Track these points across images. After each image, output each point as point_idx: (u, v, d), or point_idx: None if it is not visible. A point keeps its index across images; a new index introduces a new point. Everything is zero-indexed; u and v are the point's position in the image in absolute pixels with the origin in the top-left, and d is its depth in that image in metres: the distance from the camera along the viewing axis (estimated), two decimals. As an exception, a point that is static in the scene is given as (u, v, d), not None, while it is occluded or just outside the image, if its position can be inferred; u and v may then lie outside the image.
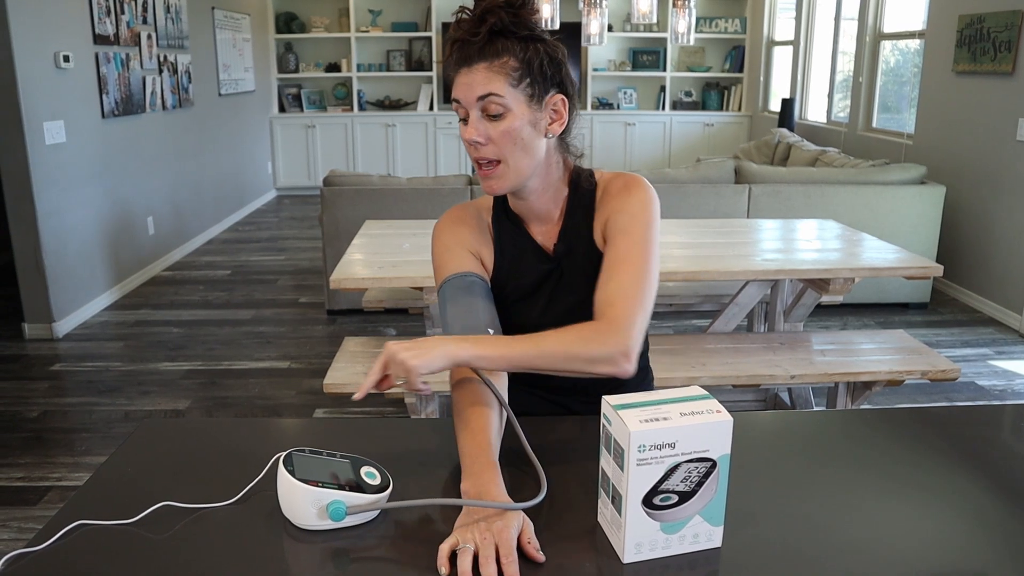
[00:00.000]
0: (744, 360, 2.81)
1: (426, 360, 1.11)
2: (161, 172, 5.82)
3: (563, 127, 1.31)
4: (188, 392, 3.63)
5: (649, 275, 1.25)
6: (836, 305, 4.77)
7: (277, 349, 4.16)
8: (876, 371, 2.72)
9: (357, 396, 1.13)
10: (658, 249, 1.29)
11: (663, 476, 0.91)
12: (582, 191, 1.38)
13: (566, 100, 1.30)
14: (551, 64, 1.26)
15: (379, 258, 2.83)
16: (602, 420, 0.96)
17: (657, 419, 0.90)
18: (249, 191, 8.03)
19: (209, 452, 1.22)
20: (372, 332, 4.40)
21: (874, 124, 6.25)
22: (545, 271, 1.39)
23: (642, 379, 1.49)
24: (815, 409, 3.31)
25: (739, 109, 8.96)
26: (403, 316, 4.68)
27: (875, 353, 2.86)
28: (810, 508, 1.06)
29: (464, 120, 1.27)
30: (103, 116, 4.86)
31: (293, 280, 5.50)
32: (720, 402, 0.89)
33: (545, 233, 1.40)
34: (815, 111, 7.51)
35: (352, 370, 2.74)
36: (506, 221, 1.42)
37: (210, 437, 1.27)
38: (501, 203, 1.43)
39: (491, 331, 1.29)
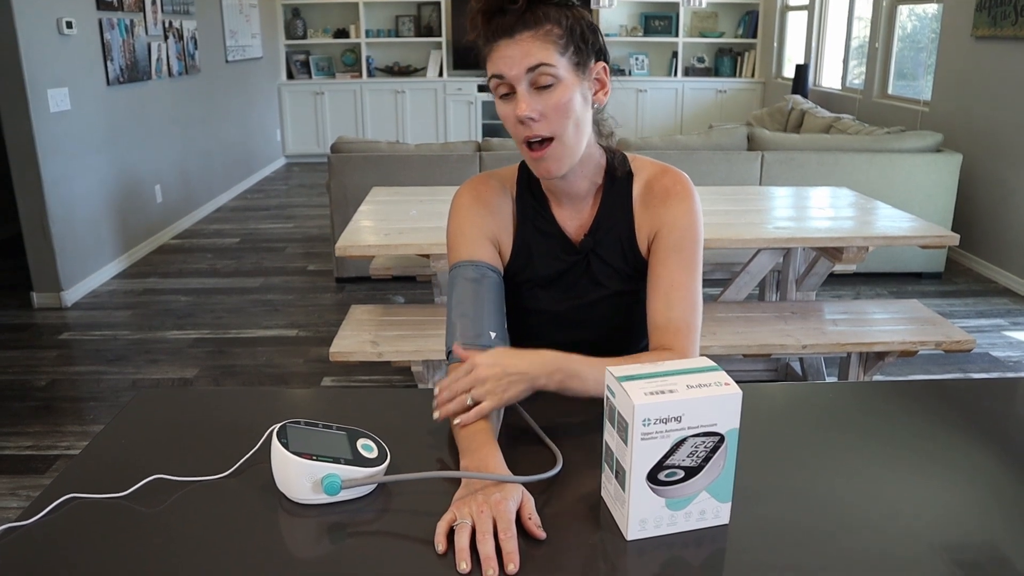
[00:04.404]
0: (755, 329, 2.77)
1: (512, 395, 1.10)
2: (168, 140, 5.79)
3: (607, 96, 1.24)
4: (196, 360, 3.62)
5: (699, 294, 1.27)
6: (849, 274, 4.72)
7: (285, 317, 4.14)
8: (889, 341, 2.68)
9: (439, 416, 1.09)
10: (701, 256, 1.30)
11: (668, 451, 0.88)
12: (618, 179, 1.32)
13: (607, 67, 1.23)
14: (590, 30, 1.20)
15: (386, 225, 2.79)
16: (606, 392, 0.93)
17: (663, 391, 0.87)
18: (258, 159, 7.99)
19: (205, 423, 1.19)
20: (380, 300, 4.38)
21: (890, 91, 6.14)
22: (569, 262, 1.34)
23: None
24: (827, 381, 3.28)
25: (752, 75, 8.83)
26: (411, 283, 4.66)
27: (888, 323, 2.82)
28: (821, 483, 1.03)
29: (505, 96, 1.18)
30: (108, 83, 4.82)
31: (302, 248, 5.47)
32: (730, 372, 0.85)
33: (573, 219, 1.34)
34: (830, 77, 7.39)
35: (359, 338, 2.72)
36: (530, 200, 1.35)
37: (207, 408, 1.25)
38: (526, 179, 1.36)
39: (493, 335, 1.24)
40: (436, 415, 1.09)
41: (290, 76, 8.81)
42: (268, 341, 3.84)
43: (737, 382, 0.90)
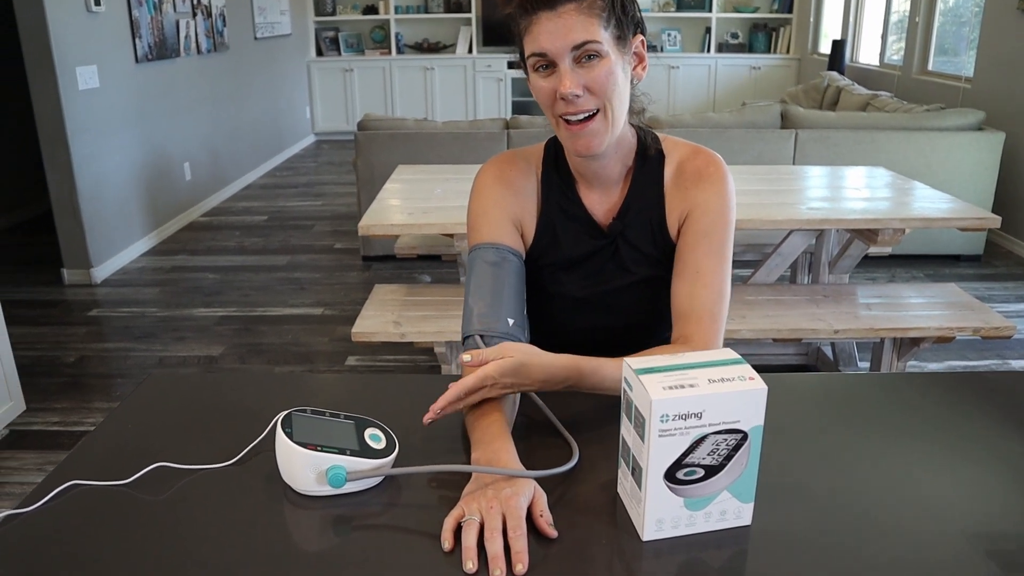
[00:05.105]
0: (786, 313, 2.70)
1: (525, 388, 1.07)
2: (197, 117, 5.79)
3: (645, 71, 1.19)
4: (222, 338, 3.63)
5: (727, 282, 1.21)
6: (884, 256, 4.61)
7: (311, 295, 4.14)
8: (925, 327, 2.60)
9: (427, 417, 1.03)
10: (732, 242, 1.24)
11: (688, 448, 0.83)
12: (649, 160, 1.26)
13: (644, 41, 1.17)
14: (629, 1, 1.14)
15: (410, 204, 2.76)
16: (623, 385, 0.88)
17: (682, 386, 0.82)
18: (287, 136, 7.99)
19: (215, 408, 1.17)
20: (407, 279, 4.36)
21: (930, 67, 5.97)
22: (595, 246, 1.28)
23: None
24: (859, 366, 3.20)
25: (787, 51, 8.64)
26: (437, 262, 4.63)
27: (924, 308, 2.74)
28: (850, 481, 0.98)
29: (543, 72, 1.12)
30: (136, 61, 4.82)
31: (330, 226, 5.47)
32: (760, 356, 0.81)
33: (601, 202, 1.28)
34: (867, 53, 7.21)
35: (382, 319, 2.69)
36: (556, 180, 1.29)
37: (217, 392, 1.22)
38: (553, 158, 1.30)
39: (511, 321, 1.18)
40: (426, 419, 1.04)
41: (319, 53, 8.78)
42: (294, 319, 3.83)
43: (766, 367, 0.85)
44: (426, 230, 2.56)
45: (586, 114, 1.13)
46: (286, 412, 0.97)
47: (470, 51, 8.69)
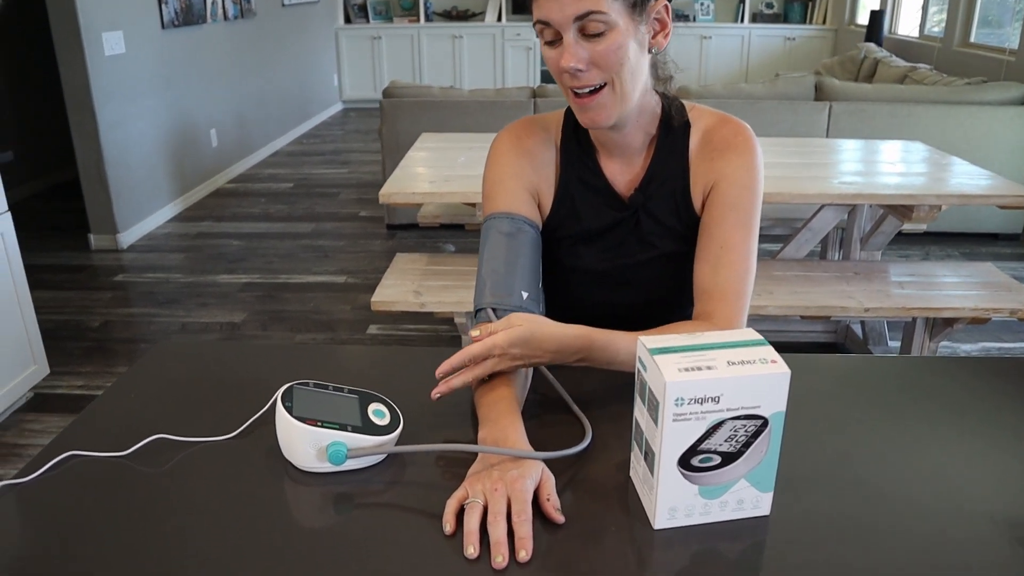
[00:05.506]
0: (815, 289, 2.64)
1: (536, 361, 1.03)
2: (224, 84, 5.76)
3: (668, 39, 1.11)
4: (245, 305, 3.62)
5: (753, 259, 1.16)
6: (918, 233, 4.50)
7: (335, 263, 4.12)
8: (959, 307, 2.52)
9: (435, 392, 1.00)
10: (759, 217, 1.18)
11: (704, 434, 0.79)
12: (674, 130, 1.20)
13: (669, 6, 1.09)
14: None
15: (433, 172, 2.71)
16: (637, 365, 0.84)
17: (700, 368, 0.77)
18: (314, 103, 7.95)
19: (221, 379, 1.14)
20: (431, 248, 4.33)
21: (972, 39, 5.78)
22: (616, 218, 1.23)
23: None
24: (890, 349, 3.13)
25: (824, 22, 8.44)
26: (460, 231, 4.59)
27: (959, 287, 2.65)
28: (876, 472, 0.93)
29: (551, 43, 1.07)
30: (163, 27, 4.79)
31: (355, 193, 5.44)
32: (787, 333, 0.76)
33: (622, 172, 1.22)
34: (907, 24, 7.01)
35: (402, 288, 2.67)
36: (575, 149, 1.23)
37: (225, 363, 1.19)
38: (572, 125, 1.24)
39: (525, 295, 1.13)
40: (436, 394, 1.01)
41: (347, 20, 8.71)
42: (317, 287, 3.82)
43: (793, 345, 0.80)
44: (448, 199, 2.51)
45: (591, 87, 1.07)
46: (287, 385, 0.94)
47: (499, 19, 8.57)
